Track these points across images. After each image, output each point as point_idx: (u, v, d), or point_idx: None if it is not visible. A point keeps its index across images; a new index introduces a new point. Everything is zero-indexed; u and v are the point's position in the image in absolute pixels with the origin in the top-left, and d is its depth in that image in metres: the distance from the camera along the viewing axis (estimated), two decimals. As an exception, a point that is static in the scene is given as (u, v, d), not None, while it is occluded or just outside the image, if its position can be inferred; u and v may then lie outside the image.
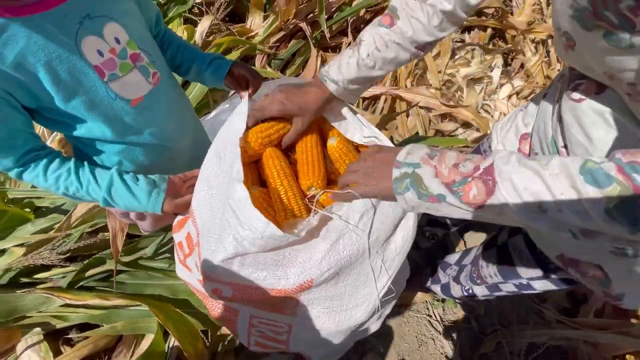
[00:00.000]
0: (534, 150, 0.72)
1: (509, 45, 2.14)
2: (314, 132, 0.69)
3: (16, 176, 0.61)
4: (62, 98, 0.56)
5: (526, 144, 0.77)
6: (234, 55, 1.64)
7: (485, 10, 2.35)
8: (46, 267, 1.10)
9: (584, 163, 0.36)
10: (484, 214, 0.42)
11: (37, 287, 1.04)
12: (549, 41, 2.13)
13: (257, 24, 1.86)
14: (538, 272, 0.77)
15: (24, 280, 1.08)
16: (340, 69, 0.62)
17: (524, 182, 0.38)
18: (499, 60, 1.97)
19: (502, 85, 1.93)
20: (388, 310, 0.86)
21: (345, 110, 0.64)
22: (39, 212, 1.22)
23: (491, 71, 1.91)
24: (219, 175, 0.57)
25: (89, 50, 0.55)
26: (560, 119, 0.60)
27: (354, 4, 2.07)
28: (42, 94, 0.55)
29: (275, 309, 0.61)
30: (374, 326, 0.85)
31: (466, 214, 0.44)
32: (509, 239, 0.85)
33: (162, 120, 0.70)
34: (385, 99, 1.84)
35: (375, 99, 1.88)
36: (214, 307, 0.68)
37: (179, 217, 0.69)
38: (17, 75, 0.51)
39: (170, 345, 1.04)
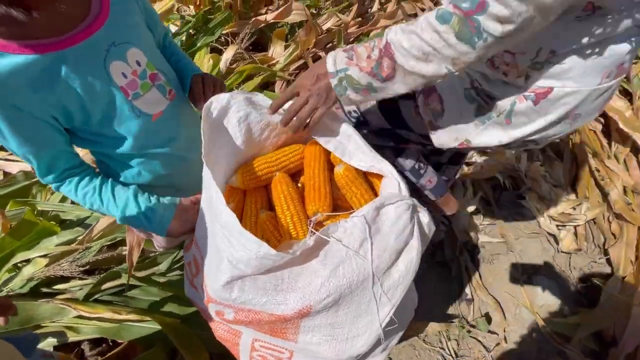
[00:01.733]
0: None
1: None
2: (322, 159, 0.71)
3: (55, 189, 0.68)
4: (95, 117, 0.63)
5: None
6: (254, 82, 1.73)
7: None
8: (66, 279, 1.15)
9: (437, 11, 0.51)
10: (399, 81, 0.58)
11: (56, 297, 1.08)
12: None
13: (278, 52, 1.96)
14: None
15: (45, 290, 1.13)
16: None
17: (408, 42, 0.54)
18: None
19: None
20: (394, 342, 0.84)
21: (350, 137, 0.66)
22: (64, 225, 1.29)
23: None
24: (207, 200, 0.60)
25: (116, 73, 0.62)
26: None
27: (371, 34, 2.15)
28: (79, 115, 0.61)
29: (277, 334, 0.61)
30: (378, 358, 0.82)
31: (390, 90, 0.60)
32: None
33: (179, 131, 0.76)
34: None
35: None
36: (218, 328, 0.69)
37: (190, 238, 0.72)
38: (61, 99, 0.58)
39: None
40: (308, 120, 0.65)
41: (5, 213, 1.26)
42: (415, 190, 1.07)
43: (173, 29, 2.08)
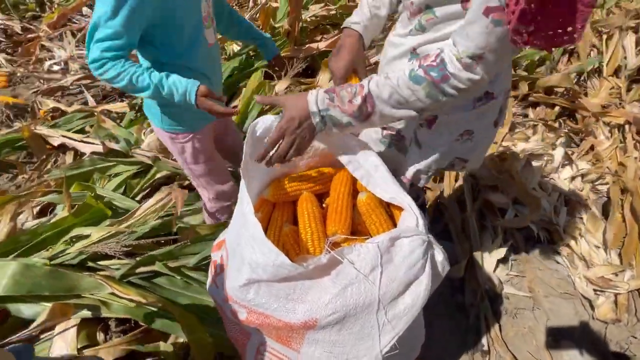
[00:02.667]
0: None
1: (579, 126, 2.05)
2: (349, 184, 0.76)
3: (101, 65, 0.84)
4: (183, 31, 0.90)
5: None
6: None
7: (556, 89, 2.32)
8: (109, 257, 1.29)
9: (410, 71, 0.63)
10: (374, 121, 0.68)
11: (97, 272, 1.22)
12: (627, 126, 2.00)
13: (324, 81, 2.09)
14: None
15: (90, 264, 1.27)
16: (357, 14, 0.87)
17: (388, 95, 0.64)
18: (564, 139, 1.89)
19: (565, 165, 1.83)
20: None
21: (377, 168, 0.71)
22: (114, 212, 1.45)
23: (553, 149, 1.84)
24: (240, 207, 0.67)
25: (203, 7, 0.93)
26: None
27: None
28: (174, 29, 0.89)
29: (283, 341, 0.65)
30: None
31: (367, 127, 0.75)
32: None
33: (215, 59, 1.08)
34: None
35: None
36: (230, 327, 0.75)
37: (220, 238, 0.79)
38: (168, 14, 0.85)
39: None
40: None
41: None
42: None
43: (235, 48, 2.30)
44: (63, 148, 1.92)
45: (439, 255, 0.68)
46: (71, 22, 3.12)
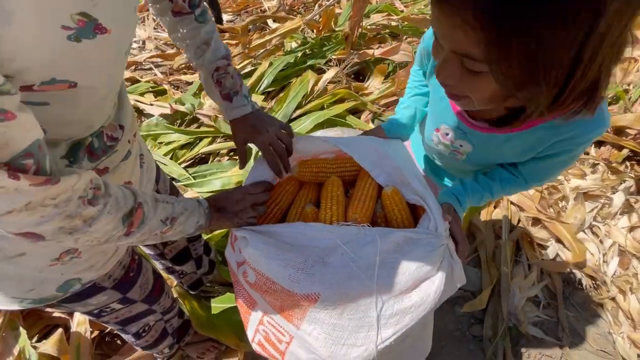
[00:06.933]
0: None
1: (649, 173, 1.84)
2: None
3: None
4: None
5: None
6: (344, 106, 1.88)
7: (627, 130, 2.11)
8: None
9: None
10: None
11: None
12: None
13: (374, 85, 2.10)
14: None
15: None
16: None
17: None
18: (627, 184, 1.71)
19: (625, 213, 1.65)
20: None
21: (403, 168, 0.70)
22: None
23: (613, 193, 1.67)
24: None
25: None
26: None
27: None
28: None
29: (285, 314, 0.66)
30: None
31: None
32: None
33: None
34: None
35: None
36: (239, 292, 0.77)
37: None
38: None
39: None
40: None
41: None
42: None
43: (293, 45, 2.39)
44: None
45: (456, 263, 0.65)
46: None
